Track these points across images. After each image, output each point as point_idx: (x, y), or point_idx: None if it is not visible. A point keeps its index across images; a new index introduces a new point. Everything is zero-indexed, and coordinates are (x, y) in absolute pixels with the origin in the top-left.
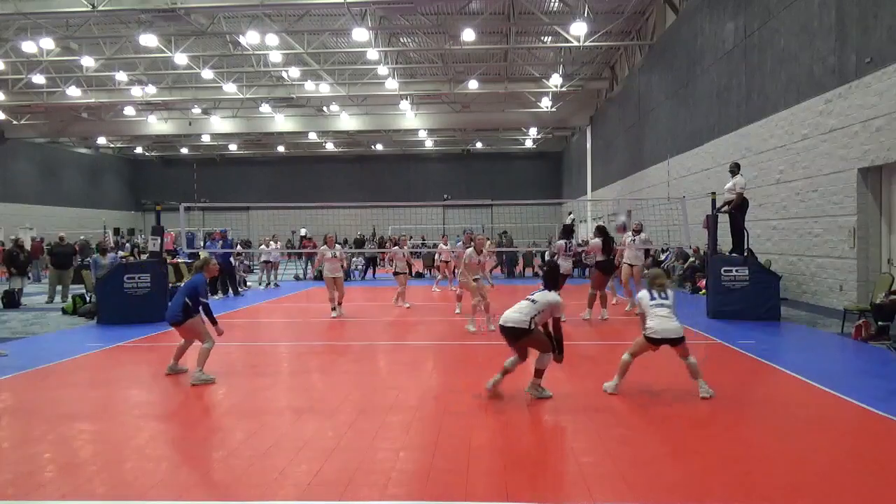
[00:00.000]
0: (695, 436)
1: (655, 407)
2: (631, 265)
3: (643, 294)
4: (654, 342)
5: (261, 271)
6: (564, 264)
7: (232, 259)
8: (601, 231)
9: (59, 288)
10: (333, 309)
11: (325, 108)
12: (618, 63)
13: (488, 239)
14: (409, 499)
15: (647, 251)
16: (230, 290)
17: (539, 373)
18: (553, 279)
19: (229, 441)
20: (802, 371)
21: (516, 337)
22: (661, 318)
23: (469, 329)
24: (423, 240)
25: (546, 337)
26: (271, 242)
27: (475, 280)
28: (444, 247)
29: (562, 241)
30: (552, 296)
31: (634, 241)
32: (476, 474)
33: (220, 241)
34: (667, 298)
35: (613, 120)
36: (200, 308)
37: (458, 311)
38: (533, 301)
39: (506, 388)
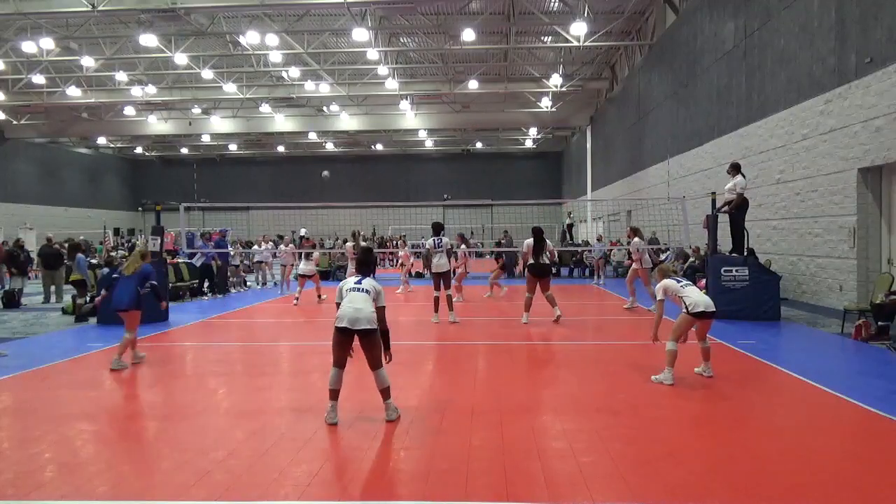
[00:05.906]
0: (695, 436)
1: (655, 407)
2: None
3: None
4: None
5: (255, 271)
6: (438, 262)
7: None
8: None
9: (53, 288)
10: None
11: (325, 108)
12: (618, 63)
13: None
14: (409, 499)
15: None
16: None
17: (388, 392)
18: (367, 264)
19: (229, 441)
20: (802, 371)
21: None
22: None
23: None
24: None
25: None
26: (266, 242)
27: None
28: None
29: (431, 241)
30: (374, 281)
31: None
32: (476, 474)
33: (212, 243)
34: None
35: (613, 120)
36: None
37: None
38: (366, 291)
39: (504, 389)
